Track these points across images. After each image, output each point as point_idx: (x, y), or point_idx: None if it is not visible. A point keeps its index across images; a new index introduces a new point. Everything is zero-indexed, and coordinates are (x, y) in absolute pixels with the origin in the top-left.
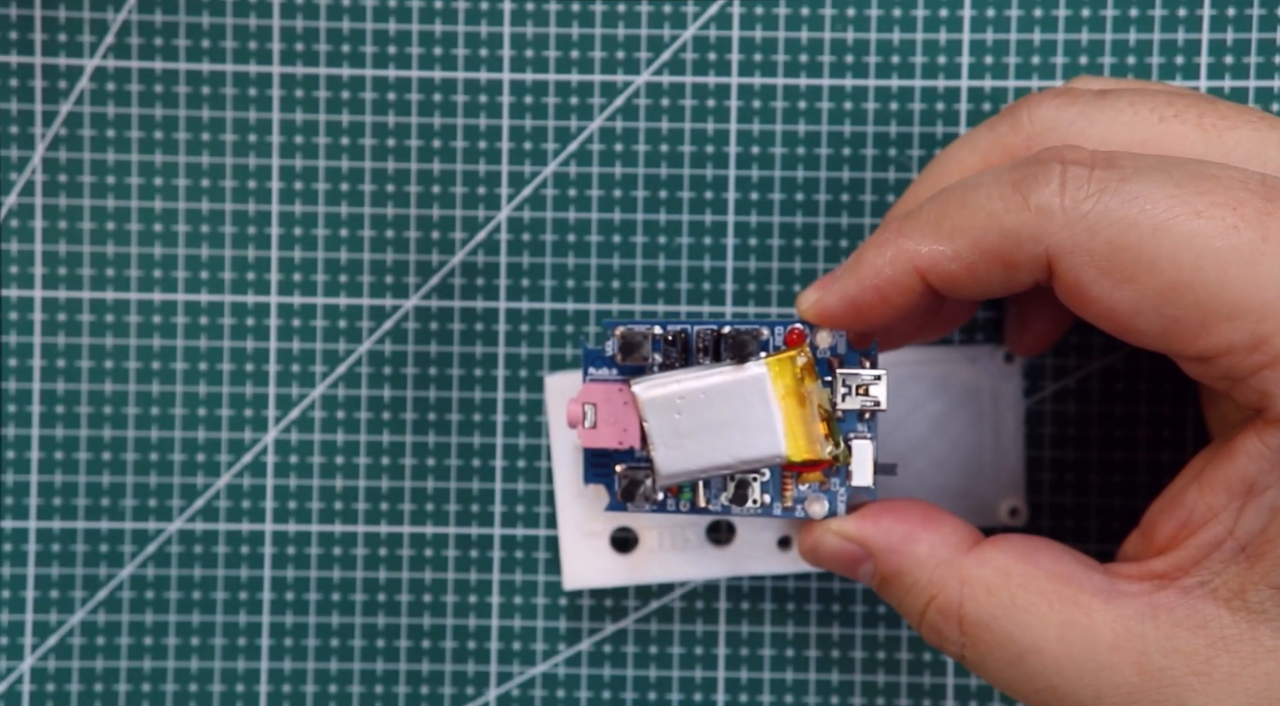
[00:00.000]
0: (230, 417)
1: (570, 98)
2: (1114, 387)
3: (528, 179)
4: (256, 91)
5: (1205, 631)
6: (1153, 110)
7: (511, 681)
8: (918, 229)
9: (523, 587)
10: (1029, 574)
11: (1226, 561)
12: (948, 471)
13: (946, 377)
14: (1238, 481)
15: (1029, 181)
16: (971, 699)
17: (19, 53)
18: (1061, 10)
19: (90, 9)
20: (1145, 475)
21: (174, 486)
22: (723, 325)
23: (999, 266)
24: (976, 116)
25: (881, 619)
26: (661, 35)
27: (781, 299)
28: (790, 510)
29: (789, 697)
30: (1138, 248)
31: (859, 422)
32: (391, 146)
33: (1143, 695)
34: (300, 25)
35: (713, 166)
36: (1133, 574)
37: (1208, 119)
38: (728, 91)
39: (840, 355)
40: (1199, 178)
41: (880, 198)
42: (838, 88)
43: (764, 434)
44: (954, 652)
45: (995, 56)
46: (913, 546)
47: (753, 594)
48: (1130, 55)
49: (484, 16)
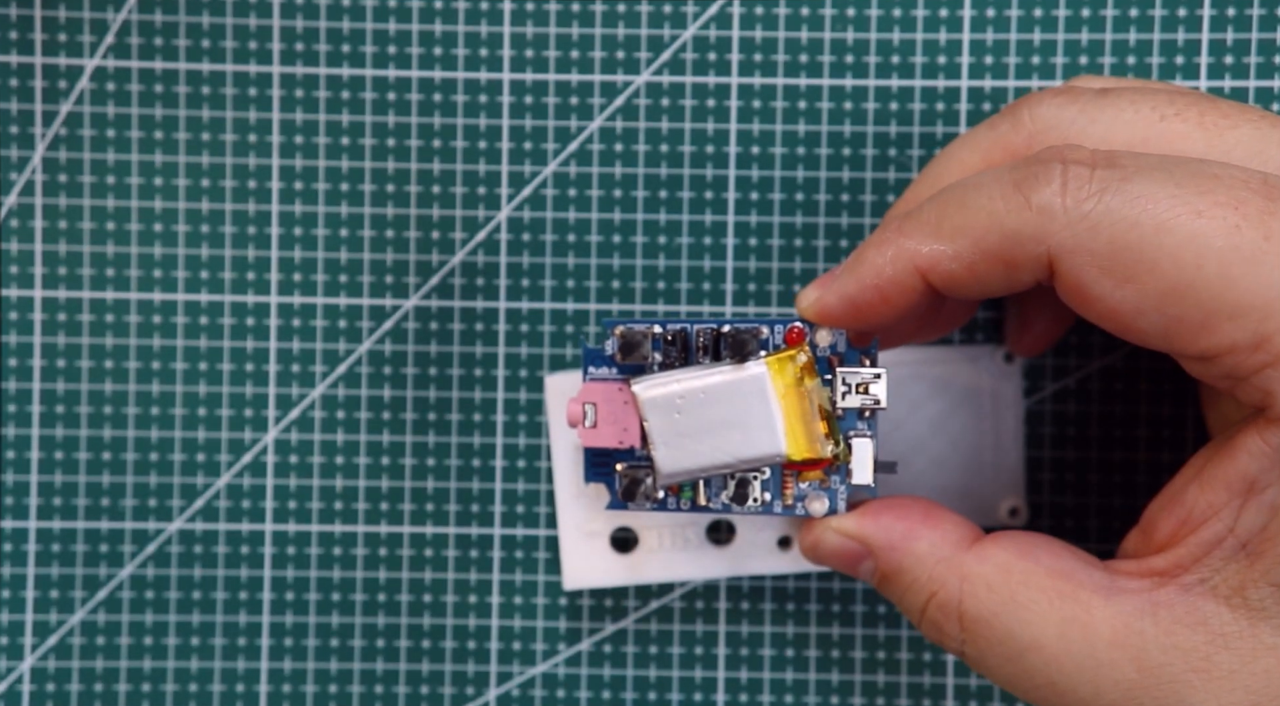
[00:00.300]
0: (230, 417)
1: (570, 98)
2: (1114, 387)
3: (528, 179)
4: (256, 91)
5: (1205, 628)
6: (1153, 109)
7: (511, 681)
8: (918, 228)
9: (523, 587)
10: (1029, 570)
11: (1227, 559)
12: (948, 471)
13: (946, 377)
14: (1238, 479)
15: (1030, 181)
16: (971, 699)
17: (19, 53)
18: (1061, 10)
19: (90, 9)
20: (1145, 475)
21: (174, 486)
22: (723, 324)
23: (1000, 266)
24: (976, 116)
25: (881, 619)
26: (661, 35)
27: (781, 299)
28: (791, 508)
29: (789, 697)
30: (1139, 247)
31: (859, 421)
32: (391, 146)
33: (1142, 691)
34: (300, 25)
35: (713, 166)
36: (1133, 571)
37: (1209, 118)
38: (728, 91)
39: (840, 353)
40: (1201, 177)
41: (880, 198)
42: (838, 88)
43: (764, 432)
44: (954, 649)
45: (995, 56)
46: (913, 543)
47: (753, 594)
48: (1130, 55)
49: (484, 16)
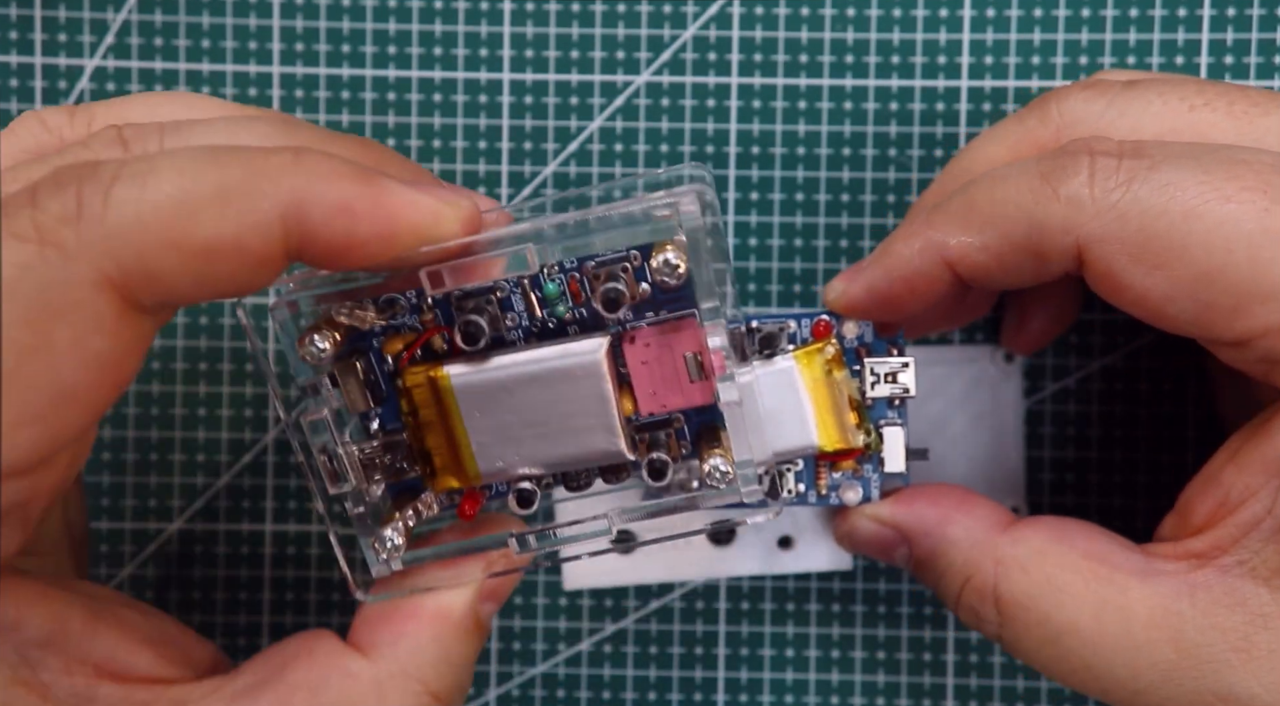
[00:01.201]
0: (230, 418)
1: (570, 98)
2: (1114, 387)
3: (528, 179)
4: (256, 91)
5: (1244, 609)
6: (1182, 99)
7: (511, 681)
8: (946, 221)
9: (522, 587)
10: (1064, 553)
11: (1265, 540)
12: (948, 471)
13: (947, 377)
14: (1275, 461)
15: (1058, 173)
16: (971, 699)
17: (19, 53)
18: (1061, 10)
19: (90, 9)
20: (1145, 475)
21: (174, 486)
22: (750, 320)
23: (1029, 257)
24: (976, 116)
25: (881, 619)
26: (661, 35)
27: (781, 299)
28: (825, 498)
29: (789, 697)
30: (1169, 234)
31: (889, 410)
32: (391, 146)
33: (1181, 672)
34: (300, 25)
35: (713, 166)
36: (1170, 553)
37: (1238, 106)
38: (728, 91)
39: (867, 344)
40: (1228, 163)
41: (880, 197)
42: (838, 88)
43: (796, 425)
44: (991, 633)
45: (995, 56)
46: (947, 529)
47: (753, 594)
48: (1130, 55)
49: (484, 16)
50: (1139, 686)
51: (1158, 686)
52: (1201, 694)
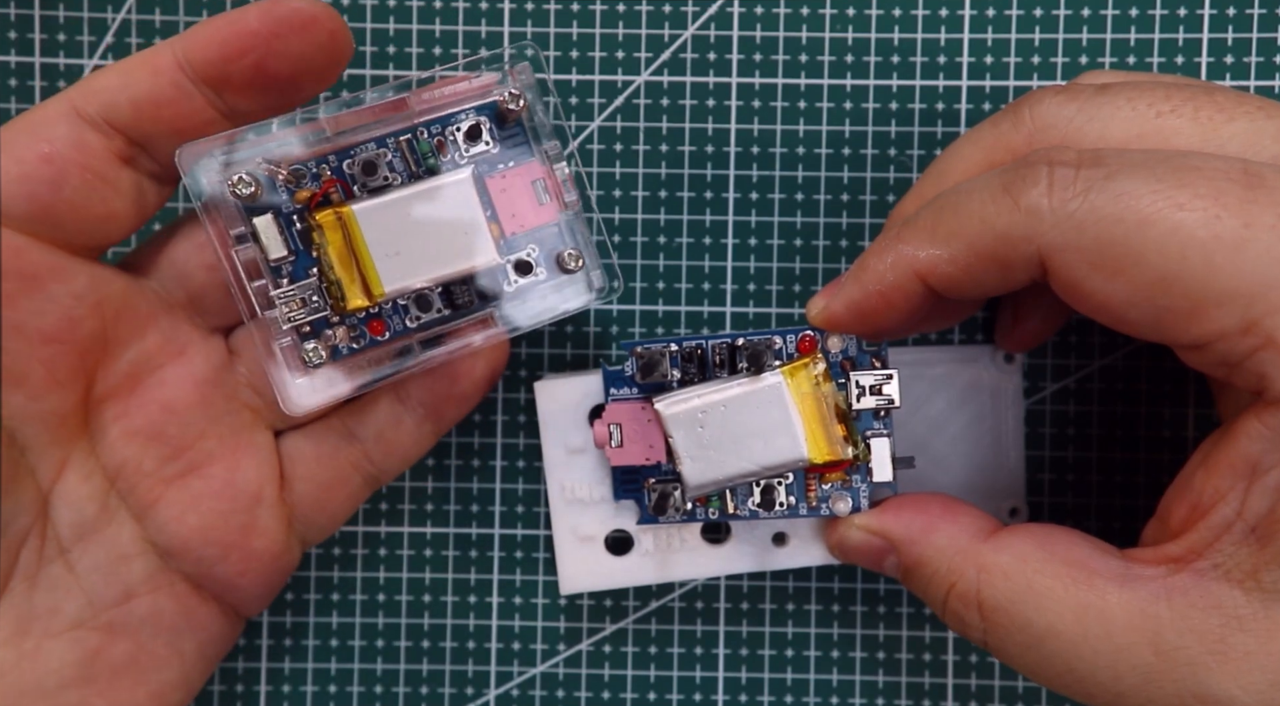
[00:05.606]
0: None
1: (570, 98)
2: (1114, 387)
3: None
4: None
5: (1220, 611)
6: (1150, 105)
7: (511, 681)
8: (915, 235)
9: (522, 588)
10: (1045, 559)
11: (1238, 543)
12: (948, 471)
13: (946, 377)
14: (1241, 463)
15: (1018, 184)
16: (971, 699)
17: (19, 53)
18: (1061, 10)
19: (90, 9)
20: (1145, 475)
21: None
22: (737, 337)
23: (994, 267)
24: (976, 116)
25: (881, 619)
26: (661, 35)
27: (781, 299)
28: (816, 509)
29: (789, 697)
30: (1125, 242)
31: (875, 421)
32: None
33: (1160, 675)
34: None
35: (713, 166)
36: (1148, 558)
37: (1204, 112)
38: (728, 91)
39: (852, 357)
40: (1181, 170)
41: (880, 198)
42: (838, 88)
43: (785, 439)
44: (976, 638)
45: (995, 56)
46: (932, 536)
47: (753, 594)
48: (1130, 55)
49: (484, 16)
50: (1121, 689)
51: (1139, 689)
52: (1181, 696)
